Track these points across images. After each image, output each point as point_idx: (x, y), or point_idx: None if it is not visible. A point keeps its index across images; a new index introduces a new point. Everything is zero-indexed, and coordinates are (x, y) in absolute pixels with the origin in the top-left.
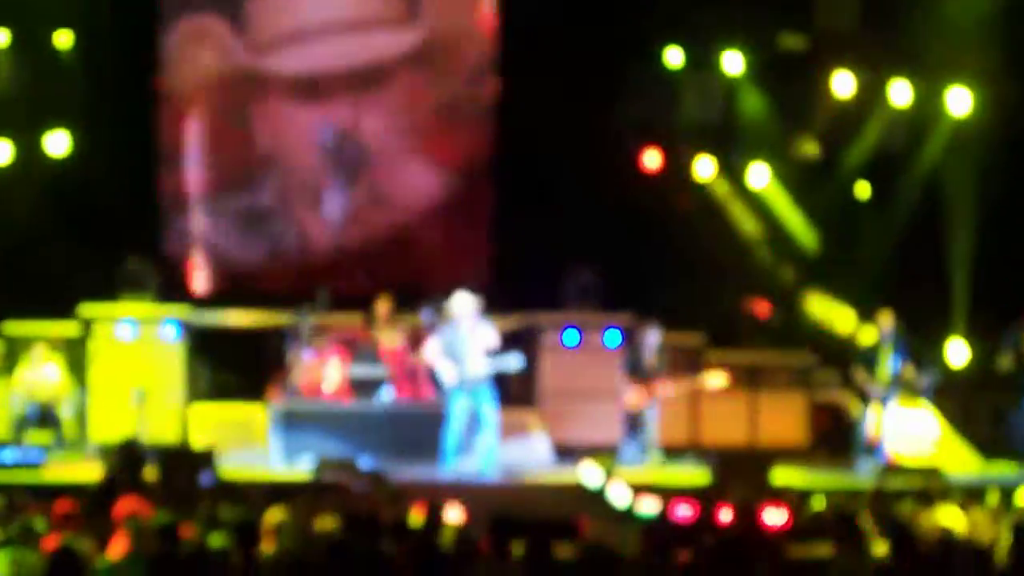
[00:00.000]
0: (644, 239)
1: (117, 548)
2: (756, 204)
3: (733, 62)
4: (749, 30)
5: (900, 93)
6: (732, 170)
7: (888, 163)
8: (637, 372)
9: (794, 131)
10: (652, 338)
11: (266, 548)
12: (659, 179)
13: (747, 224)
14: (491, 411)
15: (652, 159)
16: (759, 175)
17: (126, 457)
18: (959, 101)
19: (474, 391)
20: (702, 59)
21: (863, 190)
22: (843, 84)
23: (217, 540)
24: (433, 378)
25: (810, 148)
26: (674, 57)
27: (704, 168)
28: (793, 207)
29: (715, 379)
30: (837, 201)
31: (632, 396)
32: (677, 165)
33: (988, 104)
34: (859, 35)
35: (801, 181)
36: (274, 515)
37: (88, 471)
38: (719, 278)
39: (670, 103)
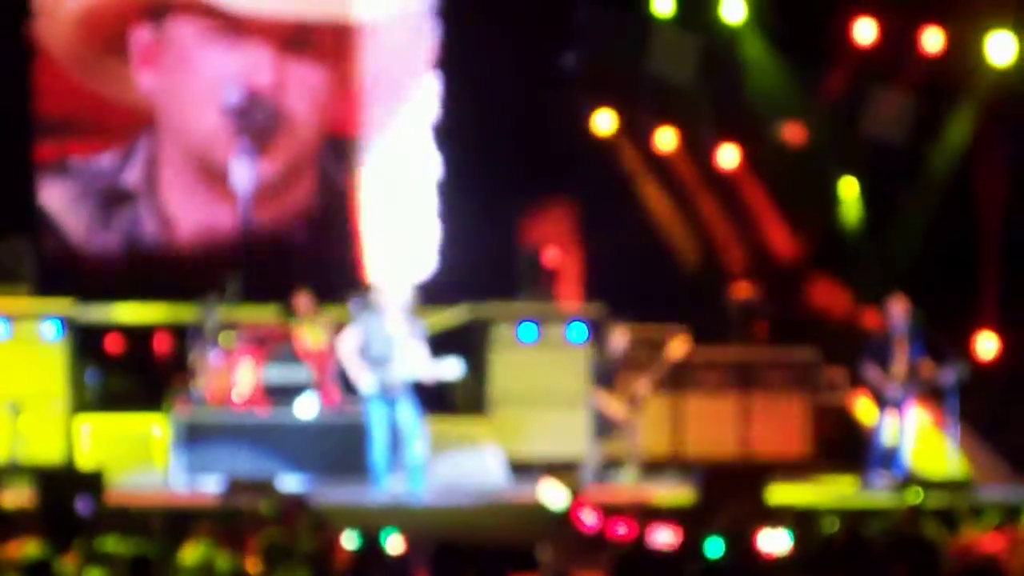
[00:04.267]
0: (611, 216)
1: None
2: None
3: (733, 6)
4: None
5: (932, 40)
6: (698, 147)
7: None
8: (605, 380)
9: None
10: (619, 342)
11: None
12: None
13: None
14: (413, 420)
15: (605, 121)
16: (729, 155)
17: None
18: (1001, 49)
19: (392, 399)
20: (692, 5)
21: (849, 186)
22: (865, 31)
23: (97, 575)
24: (344, 380)
25: (795, 132)
26: (662, 5)
27: (664, 139)
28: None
29: (677, 348)
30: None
31: (613, 405)
32: (636, 132)
33: None
34: None
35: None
36: (188, 551)
37: None
38: (700, 261)
39: (633, 56)
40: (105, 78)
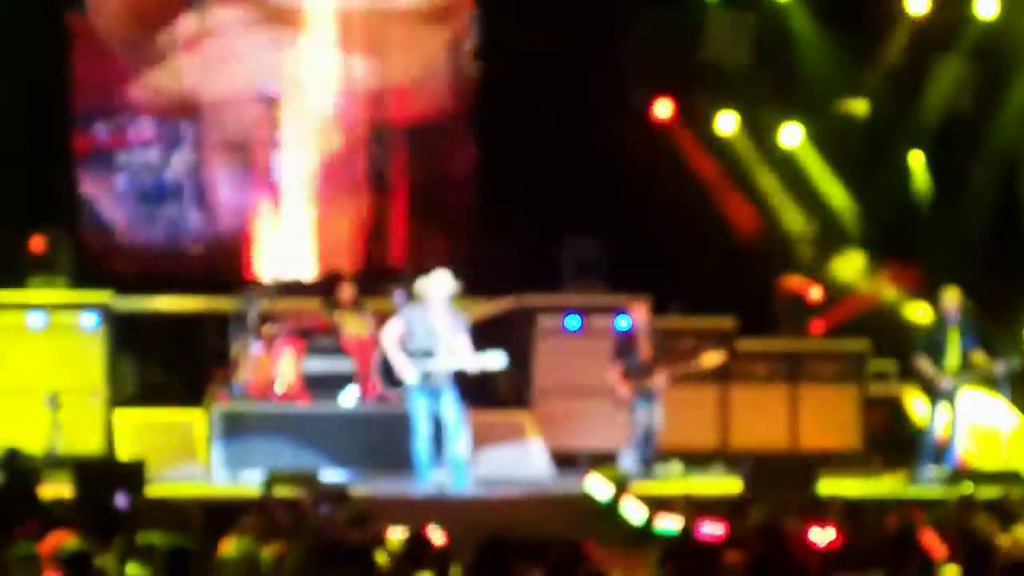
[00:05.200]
0: (656, 205)
1: None
2: (788, 169)
3: None
4: None
5: (985, 5)
6: (760, 127)
7: (958, 125)
8: (629, 361)
9: (853, 66)
10: (640, 317)
11: None
12: (670, 134)
13: (774, 192)
14: (456, 414)
15: (663, 109)
16: (792, 134)
17: (7, 472)
18: None
19: (435, 391)
20: None
21: (916, 158)
22: (917, 2)
23: (137, 570)
24: (386, 370)
25: (859, 106)
26: None
27: (725, 123)
28: (832, 175)
29: (710, 359)
30: (889, 168)
31: (619, 384)
32: (693, 118)
33: None
34: None
35: (849, 142)
36: (227, 544)
37: None
38: (750, 252)
39: (688, 43)
40: (152, 65)
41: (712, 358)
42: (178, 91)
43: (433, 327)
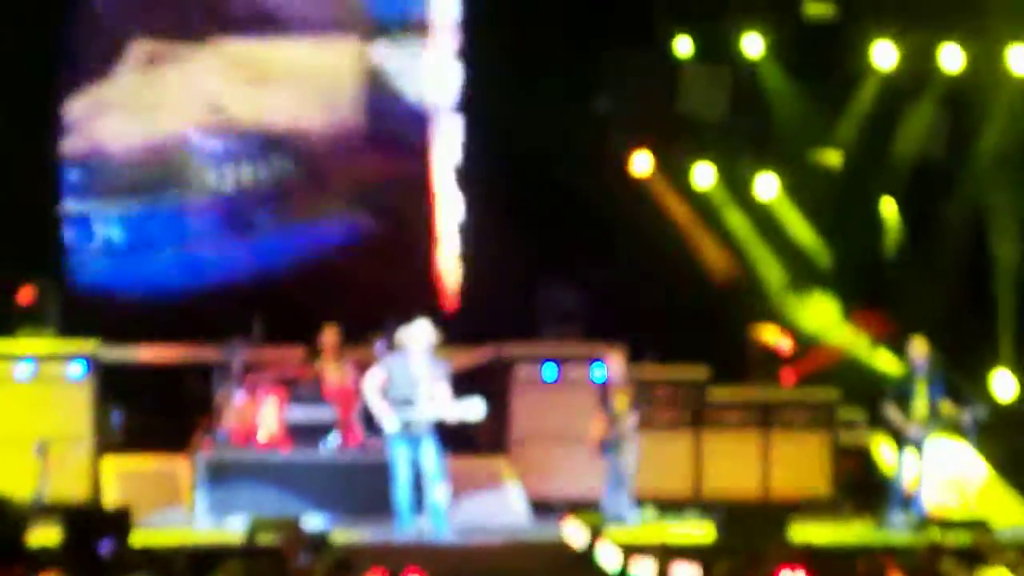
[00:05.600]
0: (633, 256)
1: None
2: (763, 219)
3: (752, 43)
4: (770, 3)
5: (951, 58)
6: (735, 179)
7: (927, 174)
8: (606, 410)
9: (825, 117)
10: (614, 367)
11: None
12: (646, 186)
13: (751, 242)
14: (436, 461)
15: (642, 163)
16: (768, 185)
17: None
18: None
19: (415, 439)
20: (713, 46)
21: (888, 205)
22: (884, 55)
23: None
24: (368, 419)
25: (832, 157)
26: (683, 45)
27: (703, 175)
28: (807, 224)
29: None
30: (862, 216)
31: (593, 428)
32: (670, 169)
33: None
34: None
35: (821, 193)
36: None
37: None
38: (724, 302)
39: (664, 97)
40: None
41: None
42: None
43: (414, 376)
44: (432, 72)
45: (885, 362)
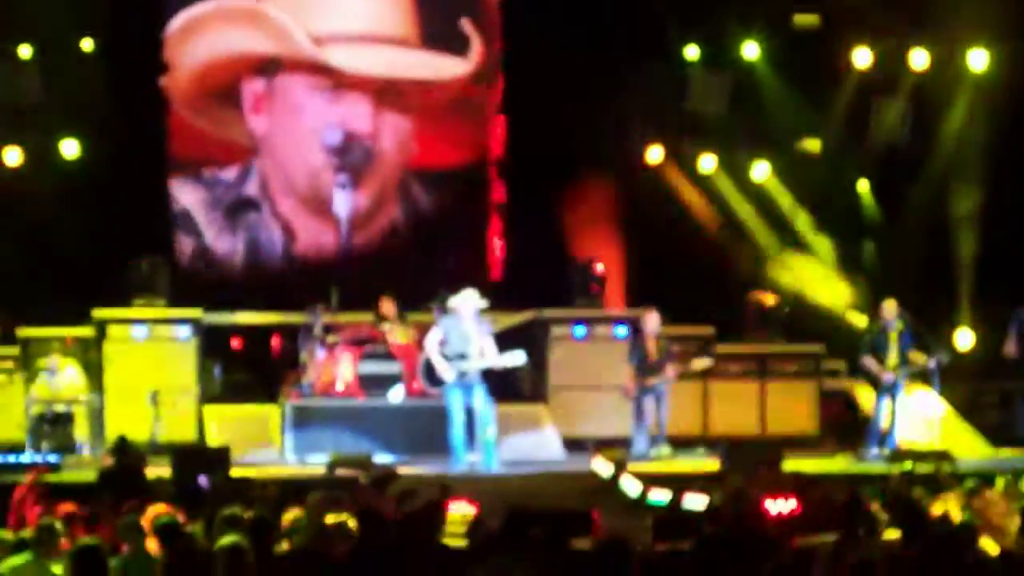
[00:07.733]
0: (650, 233)
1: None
2: (758, 198)
3: (750, 49)
4: (765, 14)
5: (918, 60)
6: (734, 166)
7: (897, 158)
8: (641, 360)
9: (812, 113)
10: (652, 323)
11: (282, 546)
12: (661, 173)
13: (748, 219)
14: (486, 406)
15: (656, 154)
16: (761, 170)
17: (118, 456)
18: (978, 61)
19: (468, 386)
20: (716, 53)
21: (864, 186)
22: (861, 57)
23: (229, 538)
24: (428, 371)
25: (815, 144)
26: (691, 51)
27: (707, 164)
28: (794, 202)
29: (700, 364)
30: (841, 195)
31: (626, 383)
32: (680, 159)
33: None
34: (872, 4)
35: (806, 176)
36: (291, 514)
37: None
38: (725, 271)
39: (675, 97)
40: (219, 122)
41: (700, 364)
42: (246, 143)
43: (465, 334)
44: None
45: (861, 320)
